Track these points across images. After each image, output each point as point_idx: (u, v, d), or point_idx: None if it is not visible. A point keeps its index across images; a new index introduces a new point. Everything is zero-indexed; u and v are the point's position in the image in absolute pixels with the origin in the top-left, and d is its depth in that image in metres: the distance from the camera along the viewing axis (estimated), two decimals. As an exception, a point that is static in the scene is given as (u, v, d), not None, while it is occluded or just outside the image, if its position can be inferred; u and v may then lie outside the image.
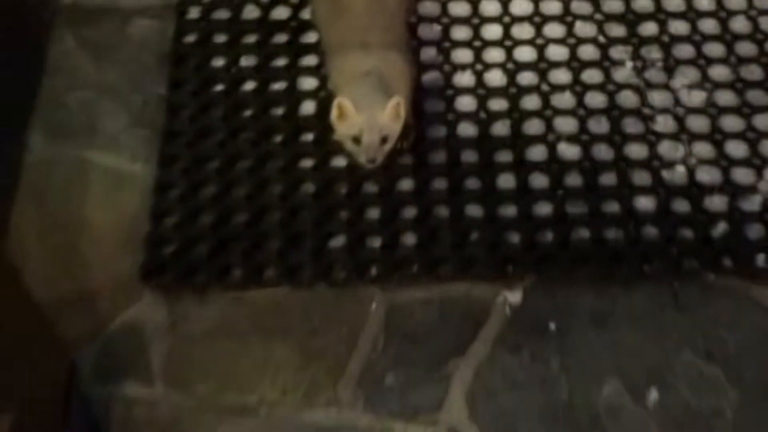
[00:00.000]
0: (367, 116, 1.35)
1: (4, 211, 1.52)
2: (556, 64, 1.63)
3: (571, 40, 1.65)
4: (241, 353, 1.40)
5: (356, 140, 1.36)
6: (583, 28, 1.67)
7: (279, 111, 1.59)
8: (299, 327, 1.42)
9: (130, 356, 1.40)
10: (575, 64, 1.63)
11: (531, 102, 1.59)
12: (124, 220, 1.50)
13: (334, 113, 1.36)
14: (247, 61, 1.65)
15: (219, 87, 1.62)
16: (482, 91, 1.61)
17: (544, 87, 1.61)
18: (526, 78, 1.62)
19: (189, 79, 1.63)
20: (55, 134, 1.60)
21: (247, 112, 1.59)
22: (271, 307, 1.44)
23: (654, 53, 1.64)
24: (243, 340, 1.41)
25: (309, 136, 1.57)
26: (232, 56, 1.65)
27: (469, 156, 1.54)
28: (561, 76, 1.62)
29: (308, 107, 1.60)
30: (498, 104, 1.59)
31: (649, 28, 1.66)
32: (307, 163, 1.54)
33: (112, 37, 1.69)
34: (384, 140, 1.36)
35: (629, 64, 1.63)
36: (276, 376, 1.37)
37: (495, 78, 1.62)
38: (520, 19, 1.68)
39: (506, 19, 1.68)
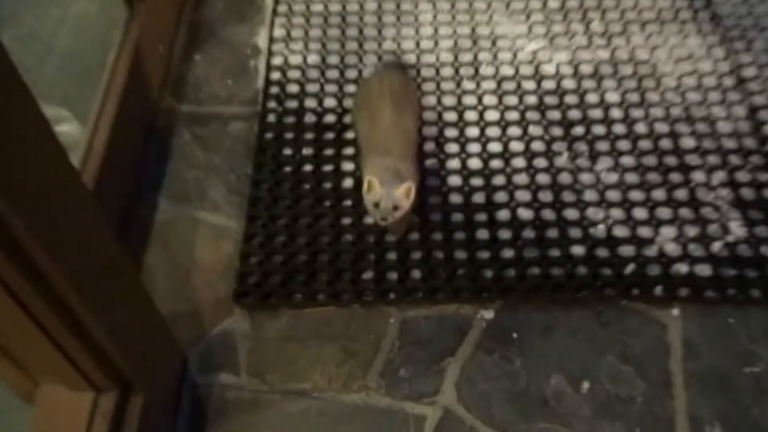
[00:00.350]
0: (386, 190, 1.32)
1: (141, 253, 1.48)
2: (516, 154, 1.59)
3: (526, 138, 1.61)
4: (300, 353, 1.35)
5: (376, 205, 1.33)
6: (534, 130, 1.63)
7: (328, 185, 1.55)
8: (341, 334, 1.37)
9: (224, 354, 1.35)
10: (529, 154, 1.59)
11: (499, 180, 1.55)
12: (222, 259, 1.46)
13: (365, 187, 1.34)
14: (306, 151, 1.61)
15: (287, 168, 1.58)
16: (466, 172, 1.56)
17: (508, 170, 1.56)
18: (496, 163, 1.58)
19: (267, 163, 1.59)
20: (177, 200, 1.56)
21: (306, 186, 1.55)
22: (321, 321, 1.38)
23: (582, 147, 1.59)
24: (302, 343, 1.36)
25: (348, 202, 1.52)
26: (297, 147, 1.61)
27: (457, 217, 1.50)
28: (519, 162, 1.58)
29: (348, 183, 1.55)
30: (476, 181, 1.55)
31: (578, 130, 1.62)
32: (347, 220, 1.50)
33: (216, 134, 1.66)
34: (395, 208, 1.33)
35: (566, 154, 1.58)
36: (324, 369, 1.33)
37: (474, 163, 1.58)
38: (491, 124, 1.64)
39: (482, 123, 1.64)
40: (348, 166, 1.58)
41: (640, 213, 1.49)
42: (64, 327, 0.96)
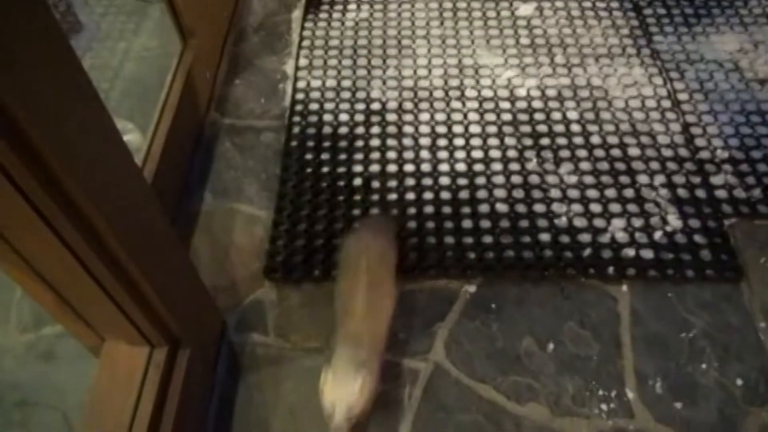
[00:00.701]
0: (340, 394, 1.02)
1: (189, 236, 1.45)
2: (494, 160, 1.55)
3: (503, 147, 1.57)
4: (318, 318, 1.31)
5: (330, 418, 1.02)
6: (509, 140, 1.59)
7: (341, 183, 1.51)
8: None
9: (256, 319, 1.32)
10: (505, 160, 1.55)
11: (480, 180, 1.51)
12: (255, 242, 1.43)
13: (321, 381, 1.05)
14: (324, 156, 1.57)
15: (308, 169, 1.54)
16: (453, 174, 1.52)
17: (488, 172, 1.52)
18: (478, 167, 1.54)
19: (292, 165, 1.55)
20: (218, 194, 1.52)
21: (323, 184, 1.51)
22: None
23: (548, 154, 1.56)
24: (319, 310, 1.32)
25: (357, 197, 1.48)
26: (316, 153, 1.58)
27: (446, 209, 1.46)
28: (497, 166, 1.54)
29: (357, 181, 1.51)
30: (462, 181, 1.51)
31: (545, 141, 1.58)
32: (357, 211, 1.46)
33: (251, 142, 1.63)
34: (350, 420, 1.02)
35: (534, 160, 1.54)
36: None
37: (461, 167, 1.54)
38: (474, 135, 1.60)
39: (466, 135, 1.60)
40: (357, 167, 1.54)
41: (595, 207, 1.45)
42: (125, 291, 0.94)
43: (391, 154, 1.56)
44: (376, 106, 1.67)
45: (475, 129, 1.62)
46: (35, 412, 1.22)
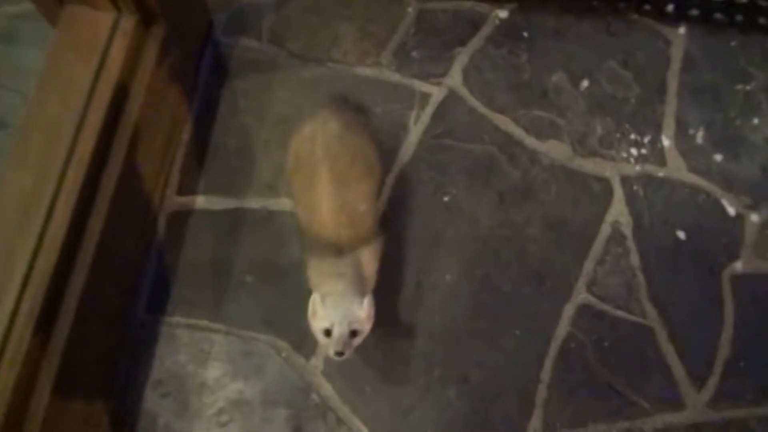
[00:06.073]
0: (340, 311, 0.80)
1: None
2: None
3: None
4: (320, 27, 1.12)
5: (327, 333, 0.80)
6: None
7: None
8: (360, 16, 1.12)
9: (249, 22, 1.12)
10: None
11: None
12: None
13: (310, 310, 0.81)
14: None
15: None
16: None
17: None
18: None
19: None
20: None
21: None
22: (343, 1, 1.13)
23: None
24: (322, 19, 1.12)
25: None
26: None
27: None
28: None
29: None
30: None
31: None
32: None
33: None
34: (354, 334, 0.80)
35: None
36: (340, 44, 1.11)
37: None
38: None
39: None
40: None
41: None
42: None
43: None
44: None
45: None
46: (-6, 93, 1.07)
